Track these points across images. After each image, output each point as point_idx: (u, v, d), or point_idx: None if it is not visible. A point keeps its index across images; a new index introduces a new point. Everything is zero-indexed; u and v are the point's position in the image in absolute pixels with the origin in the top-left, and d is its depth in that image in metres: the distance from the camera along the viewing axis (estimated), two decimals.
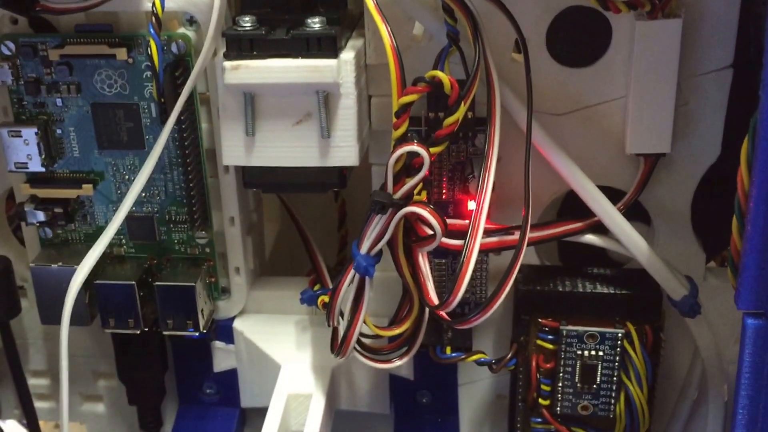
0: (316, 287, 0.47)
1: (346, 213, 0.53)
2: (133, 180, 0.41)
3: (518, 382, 0.47)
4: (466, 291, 0.40)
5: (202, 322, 0.45)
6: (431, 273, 0.40)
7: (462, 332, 0.45)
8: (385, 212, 0.37)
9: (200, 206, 0.44)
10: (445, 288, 0.39)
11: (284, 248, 0.56)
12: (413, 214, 0.37)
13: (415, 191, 0.38)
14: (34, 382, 0.52)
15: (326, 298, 0.44)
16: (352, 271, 0.39)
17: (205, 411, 0.50)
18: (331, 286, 0.46)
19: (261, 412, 0.50)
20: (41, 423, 0.51)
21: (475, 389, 0.50)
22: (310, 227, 0.50)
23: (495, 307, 0.38)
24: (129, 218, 0.43)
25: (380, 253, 0.39)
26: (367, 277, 0.39)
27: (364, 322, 0.41)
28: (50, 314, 0.44)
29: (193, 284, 0.44)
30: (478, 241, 0.37)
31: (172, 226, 0.45)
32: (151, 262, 0.46)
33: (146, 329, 0.45)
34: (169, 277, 0.45)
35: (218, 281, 0.47)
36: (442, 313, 0.38)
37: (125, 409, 0.51)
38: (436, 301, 0.39)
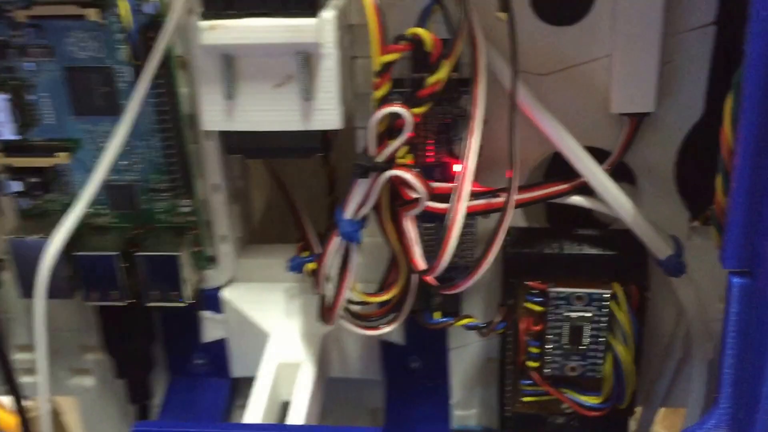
0: (304, 254, 0.46)
1: (336, 179, 0.53)
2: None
3: (507, 345, 0.47)
4: (454, 255, 0.40)
5: (187, 293, 0.45)
6: (418, 238, 0.40)
7: (450, 297, 0.45)
8: (367, 176, 0.37)
9: (182, 174, 0.44)
10: (433, 253, 0.39)
11: (273, 216, 0.56)
12: (397, 177, 0.37)
13: (400, 154, 0.38)
14: (20, 357, 0.51)
15: (313, 265, 0.44)
16: (338, 237, 0.39)
17: (196, 382, 0.50)
18: (318, 253, 0.46)
19: (252, 382, 0.50)
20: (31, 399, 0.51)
21: (466, 353, 0.50)
22: (299, 194, 0.50)
23: (482, 270, 0.37)
24: (109, 187, 0.43)
25: (366, 218, 0.39)
26: (353, 243, 0.39)
27: (352, 289, 0.40)
28: (30, 287, 0.43)
29: (176, 254, 0.44)
30: (464, 203, 0.37)
31: (154, 194, 0.45)
32: (133, 233, 0.46)
33: (131, 301, 0.45)
34: (153, 247, 0.44)
35: (204, 250, 0.47)
36: (429, 278, 0.38)
37: (115, 382, 0.51)
38: (423, 266, 0.39)
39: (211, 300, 0.48)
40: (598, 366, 0.46)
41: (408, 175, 0.36)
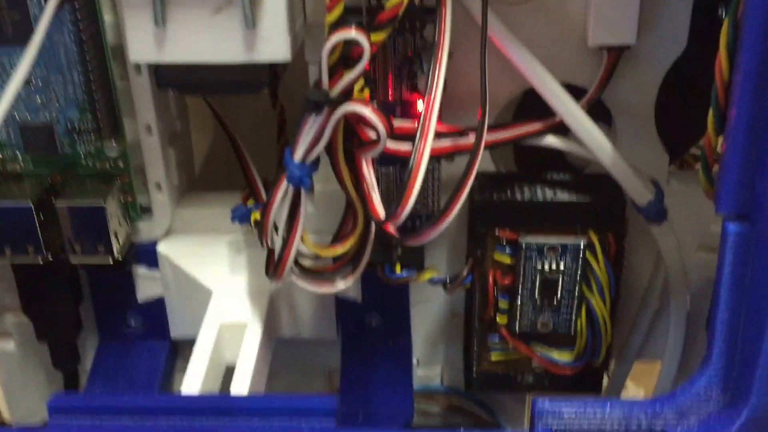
0: (250, 203, 0.42)
1: (286, 120, 0.48)
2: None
3: (474, 300, 0.43)
4: (417, 203, 0.36)
5: (116, 247, 0.40)
6: (377, 183, 0.35)
7: (413, 249, 0.41)
8: (320, 112, 0.32)
9: (108, 112, 0.39)
10: (394, 201, 0.35)
11: (218, 162, 0.51)
12: (353, 113, 0.32)
13: (356, 89, 0.33)
14: None
15: (257, 215, 0.40)
16: (285, 182, 0.34)
17: (130, 345, 0.46)
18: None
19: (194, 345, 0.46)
20: None
21: (428, 309, 0.46)
22: (246, 137, 0.45)
23: (449, 218, 0.33)
24: (23, 128, 0.37)
25: (317, 161, 0.34)
26: (302, 189, 0.34)
27: (302, 241, 0.36)
28: None
29: (102, 203, 0.39)
30: (428, 143, 0.33)
31: (76, 136, 0.40)
32: (53, 180, 0.41)
33: (51, 258, 0.40)
34: (75, 196, 0.39)
35: (136, 199, 0.42)
36: (390, 227, 0.34)
37: (40, 346, 0.46)
38: (382, 214, 0.34)
39: (145, 255, 0.43)
40: (572, 321, 0.43)
41: (365, 110, 0.32)
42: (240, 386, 0.38)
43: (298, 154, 0.34)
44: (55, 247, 0.40)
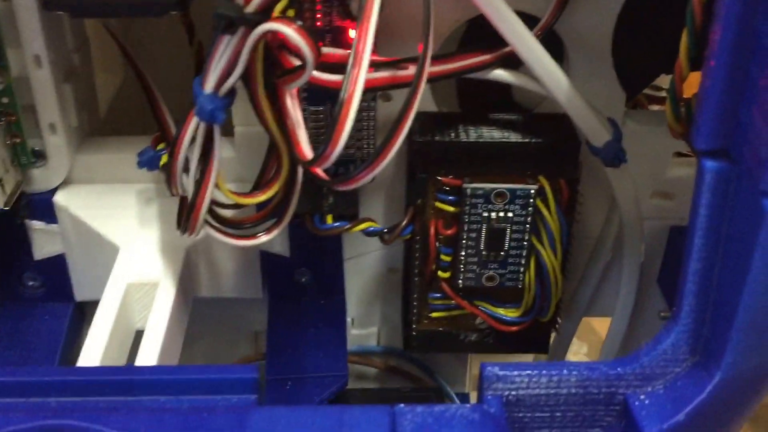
0: (160, 146, 0.37)
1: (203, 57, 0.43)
2: None
3: (413, 253, 0.39)
4: (350, 146, 0.32)
5: (3, 197, 0.35)
6: (303, 118, 0.31)
7: (346, 197, 0.36)
8: (233, 32, 0.27)
9: None
10: (323, 139, 0.30)
11: (130, 105, 0.45)
12: (274, 34, 0.27)
13: (278, 10, 0.28)
14: None
15: (165, 158, 0.35)
16: (195, 118, 0.29)
17: (30, 308, 0.41)
18: None
19: None
20: None
21: (363, 264, 0.42)
22: (161, 77, 0.40)
23: (385, 160, 0.29)
24: None
25: (232, 92, 0.29)
26: (215, 126, 0.29)
27: (217, 187, 0.31)
28: None
29: None
30: (362, 72, 0.28)
31: None
32: None
33: None
34: None
35: (26, 142, 0.36)
36: (318, 170, 0.30)
37: None
38: (309, 154, 0.30)
39: (40, 207, 0.38)
40: (520, 274, 0.39)
41: (289, 30, 0.27)
42: (147, 356, 0.33)
43: (209, 84, 0.29)
44: None
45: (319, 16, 0.33)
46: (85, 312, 0.42)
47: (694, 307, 0.29)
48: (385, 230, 0.36)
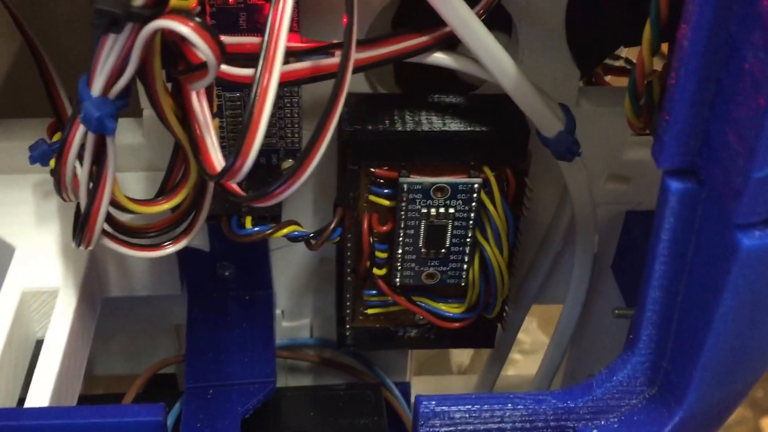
0: (56, 137, 0.32)
1: None
2: None
3: (346, 250, 0.35)
4: (272, 135, 0.28)
5: None
6: (211, 121, 0.26)
7: None
8: (118, 30, 0.23)
9: None
10: (233, 150, 0.26)
11: (28, 80, 0.40)
12: (167, 31, 0.23)
13: None
14: None
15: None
16: (81, 126, 0.25)
17: None
18: None
19: None
20: None
21: (292, 254, 0.39)
22: (62, 48, 0.35)
23: (310, 168, 0.25)
24: None
25: (125, 93, 0.25)
26: (106, 135, 0.25)
27: (115, 196, 0.27)
28: None
29: None
30: (277, 67, 0.24)
31: None
32: None
33: None
34: None
35: None
36: (232, 185, 0.25)
37: None
38: (219, 165, 0.26)
39: None
40: (463, 272, 0.36)
41: (183, 28, 0.22)
42: (46, 374, 0.29)
43: (97, 86, 0.24)
44: None
45: None
46: None
47: (654, 337, 0.26)
48: (311, 234, 0.33)
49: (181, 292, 0.38)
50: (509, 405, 0.26)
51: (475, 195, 0.34)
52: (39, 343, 0.32)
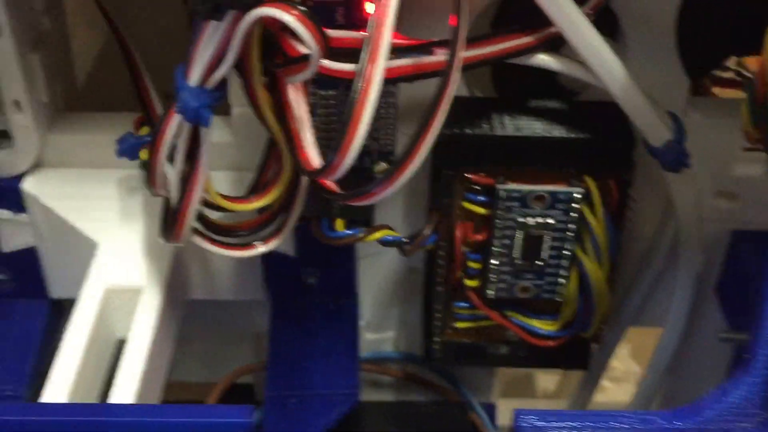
0: (143, 131, 0.31)
1: None
2: None
3: (438, 259, 0.34)
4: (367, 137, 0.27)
5: None
6: (310, 117, 0.25)
7: None
8: (220, 17, 0.22)
9: None
10: (332, 146, 0.25)
11: (117, 73, 0.40)
12: (270, 19, 0.22)
13: None
14: None
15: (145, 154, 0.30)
16: (176, 116, 0.24)
17: None
18: None
19: None
20: None
21: (380, 263, 0.37)
22: (146, 41, 0.34)
23: (411, 170, 0.24)
24: None
25: (222, 85, 0.24)
26: (201, 126, 0.24)
27: (206, 192, 0.26)
28: None
29: None
30: (381, 62, 0.23)
31: None
32: None
33: None
34: None
35: None
36: (328, 182, 0.24)
37: None
38: (316, 162, 0.24)
39: (6, 194, 0.33)
40: (559, 286, 0.34)
41: (287, 16, 0.21)
42: (129, 374, 0.28)
43: (194, 76, 0.23)
44: None
45: None
46: (63, 310, 0.37)
47: None
48: (406, 240, 0.31)
49: (264, 297, 0.37)
50: (613, 423, 0.24)
51: (575, 205, 0.32)
52: (118, 343, 0.32)
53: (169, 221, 0.27)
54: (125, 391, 0.27)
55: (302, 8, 0.22)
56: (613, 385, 0.52)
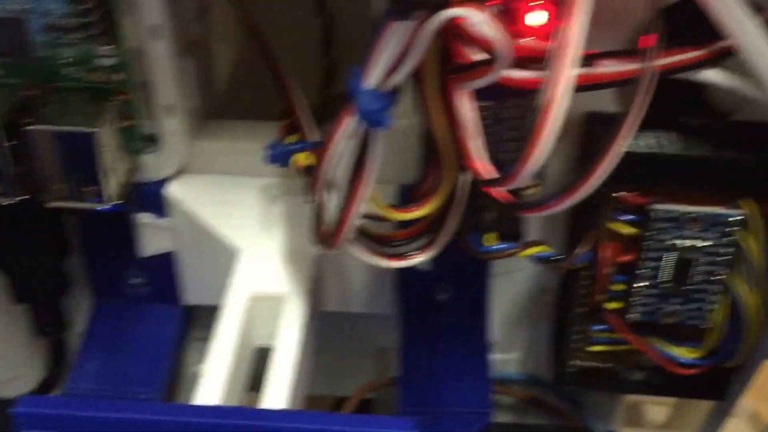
0: (290, 139, 0.31)
1: (335, 33, 0.38)
2: None
3: (578, 279, 0.33)
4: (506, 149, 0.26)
5: (112, 188, 0.30)
6: (478, 124, 0.25)
7: (508, 213, 0.30)
8: (408, 17, 0.21)
9: (100, 4, 0.28)
10: (494, 148, 0.24)
11: (246, 81, 0.40)
12: (460, 22, 0.21)
13: None
14: None
15: (303, 157, 0.29)
16: (352, 118, 0.23)
17: (133, 308, 0.36)
18: (313, 138, 0.31)
19: (213, 312, 0.36)
20: None
21: (512, 282, 0.36)
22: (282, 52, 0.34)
23: (593, 183, 0.23)
24: None
25: (398, 89, 0.23)
26: (376, 129, 0.24)
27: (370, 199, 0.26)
28: None
29: (93, 129, 0.29)
30: (568, 71, 0.22)
31: (56, 35, 0.29)
32: (26, 93, 0.30)
33: (25, 197, 0.30)
34: (56, 118, 0.29)
35: (139, 125, 0.31)
36: (501, 192, 0.23)
37: (11, 306, 0.36)
38: (489, 172, 0.24)
39: (150, 198, 0.33)
40: (707, 312, 0.32)
41: (479, 18, 0.21)
42: (279, 382, 0.28)
43: (372, 78, 0.23)
44: (28, 185, 0.30)
45: None
46: (193, 317, 0.37)
47: None
48: (560, 257, 0.30)
49: (392, 312, 0.36)
50: None
51: (733, 229, 0.30)
52: (257, 351, 0.32)
53: (327, 229, 0.26)
54: (276, 398, 0.27)
55: (490, 9, 0.21)
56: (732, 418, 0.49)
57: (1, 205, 0.30)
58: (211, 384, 0.27)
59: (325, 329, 0.37)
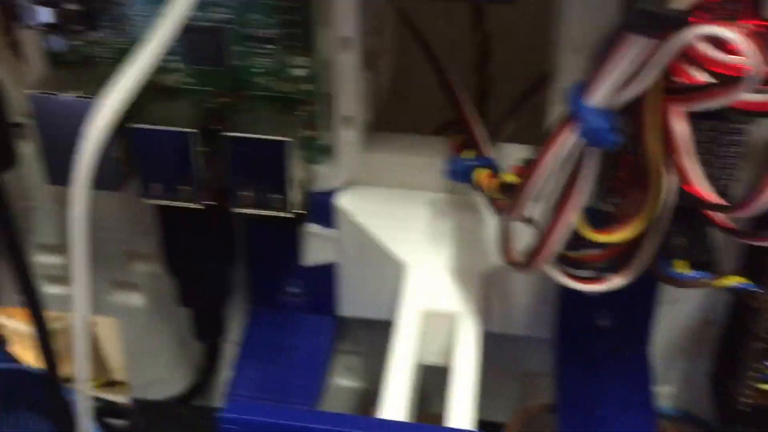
0: (466, 154, 0.31)
1: (490, 51, 0.37)
2: None
3: (754, 312, 0.31)
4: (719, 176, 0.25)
5: (295, 197, 0.30)
6: (695, 147, 0.24)
7: (699, 239, 0.29)
8: (650, 33, 0.21)
9: (298, 17, 0.28)
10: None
11: (404, 94, 0.39)
12: (707, 38, 0.21)
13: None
14: (43, 260, 0.37)
15: (485, 173, 0.29)
16: (571, 135, 0.23)
17: (287, 317, 0.36)
18: (489, 154, 0.30)
19: (364, 326, 0.36)
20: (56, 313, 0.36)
21: (676, 311, 0.35)
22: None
23: None
24: (188, 30, 0.26)
25: (624, 108, 0.23)
26: (598, 147, 0.23)
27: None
28: (59, 169, 0.29)
29: (285, 138, 0.29)
30: None
31: (252, 45, 0.29)
32: (218, 100, 0.30)
33: (209, 203, 0.30)
34: (248, 126, 0.29)
35: (320, 136, 0.31)
36: (726, 219, 0.22)
37: (171, 303, 0.36)
38: (710, 196, 0.23)
39: (321, 209, 0.33)
40: None
41: (737, 37, 0.20)
42: (461, 403, 0.27)
43: (599, 96, 0.22)
44: (214, 191, 0.30)
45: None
46: (343, 329, 0.37)
47: None
48: (760, 289, 0.29)
49: (548, 336, 0.35)
50: None
51: None
52: (422, 369, 0.31)
53: (526, 248, 0.26)
54: (460, 419, 0.26)
55: (744, 27, 0.20)
56: None
57: (183, 210, 0.30)
58: (395, 401, 0.27)
59: None
